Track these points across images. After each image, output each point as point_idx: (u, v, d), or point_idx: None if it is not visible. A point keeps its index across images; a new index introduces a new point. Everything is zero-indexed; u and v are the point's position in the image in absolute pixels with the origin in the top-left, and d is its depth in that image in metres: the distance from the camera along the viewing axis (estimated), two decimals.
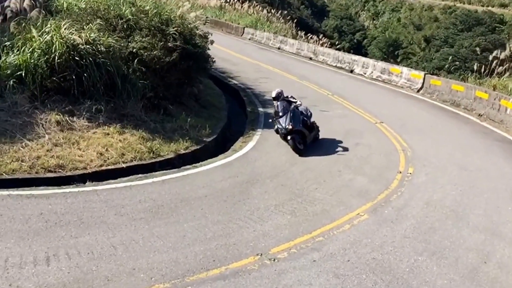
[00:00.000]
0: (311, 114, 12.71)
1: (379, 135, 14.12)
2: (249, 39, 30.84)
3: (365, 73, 23.41)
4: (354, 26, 70.74)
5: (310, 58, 26.81)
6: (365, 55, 43.35)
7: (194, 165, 10.66)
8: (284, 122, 11.82)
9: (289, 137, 11.81)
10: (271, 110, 15.81)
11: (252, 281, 6.46)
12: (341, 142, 13.05)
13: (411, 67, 29.69)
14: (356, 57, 25.14)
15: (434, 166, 11.72)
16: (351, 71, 24.06)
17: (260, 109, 15.92)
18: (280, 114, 11.99)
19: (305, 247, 7.53)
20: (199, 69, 13.87)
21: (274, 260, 7.05)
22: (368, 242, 7.81)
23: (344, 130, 14.30)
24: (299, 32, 35.11)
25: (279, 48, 28.92)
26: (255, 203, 8.95)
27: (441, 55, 47.73)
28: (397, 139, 13.75)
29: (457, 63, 37.71)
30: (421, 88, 20.65)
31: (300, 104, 12.32)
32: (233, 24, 33.01)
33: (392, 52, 60.15)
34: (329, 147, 12.66)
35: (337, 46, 39.07)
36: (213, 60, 14.59)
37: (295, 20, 35.90)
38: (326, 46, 31.16)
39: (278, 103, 12.19)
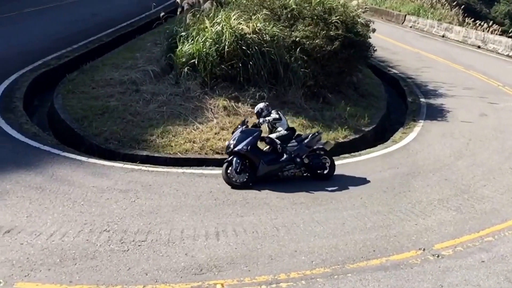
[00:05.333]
0: (300, 142, 8.94)
1: None
2: (410, 27, 29.44)
3: None
4: None
5: (478, 47, 24.69)
6: None
7: (352, 154, 10.57)
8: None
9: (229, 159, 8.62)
10: (433, 101, 15.04)
11: (414, 275, 6.21)
12: None
13: None
14: None
15: None
16: None
17: (422, 100, 15.13)
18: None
19: (472, 246, 7.03)
20: (360, 58, 13.66)
21: (438, 256, 6.69)
22: None
23: None
24: (466, 19, 32.49)
25: (443, 36, 27.13)
26: (417, 196, 8.57)
27: None
28: None
29: None
30: None
31: (272, 121, 8.90)
32: (393, 11, 31.79)
33: None
34: (500, 142, 11.56)
35: (510, 34, 35.31)
36: (375, 49, 14.23)
37: (462, 6, 33.23)
38: (496, 34, 28.38)
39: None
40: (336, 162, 9.90)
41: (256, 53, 11.66)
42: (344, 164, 9.90)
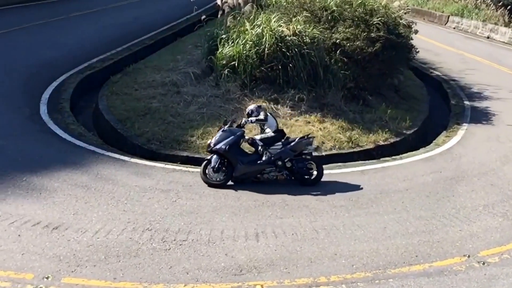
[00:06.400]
0: (285, 146, 8.64)
1: None
2: (454, 28, 28.72)
3: None
4: None
5: None
6: None
7: (393, 157, 10.41)
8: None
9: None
10: (478, 104, 14.64)
11: (458, 282, 6.06)
12: None
13: None
14: None
15: None
16: None
17: (466, 103, 14.74)
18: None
19: None
20: (401, 60, 13.46)
21: (483, 263, 6.50)
22: None
23: None
24: None
25: (488, 37, 26.35)
26: (461, 201, 8.36)
27: None
28: None
29: None
30: None
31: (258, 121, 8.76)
32: (436, 12, 31.10)
33: None
34: None
35: None
36: (417, 50, 13.97)
37: (508, 7, 32.19)
38: None
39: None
40: (376, 166, 9.88)
41: (296, 55, 11.66)
42: (384, 168, 9.77)
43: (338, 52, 12.20)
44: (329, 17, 12.89)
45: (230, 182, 8.45)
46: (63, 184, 7.84)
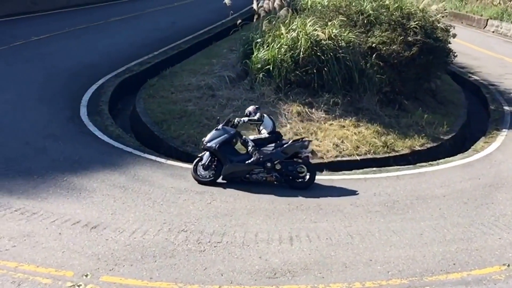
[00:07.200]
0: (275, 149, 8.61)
1: None
2: (493, 32, 28.00)
3: None
4: None
5: None
6: None
7: (430, 163, 10.22)
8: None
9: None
10: None
11: None
12: None
13: None
14: None
15: None
16: None
17: (506, 108, 14.33)
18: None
19: None
20: (439, 64, 13.21)
21: None
22: None
23: None
24: None
25: None
26: (501, 209, 8.13)
27: None
28: None
29: None
30: None
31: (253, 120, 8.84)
32: (474, 16, 30.41)
33: None
34: None
35: None
36: (455, 54, 13.71)
37: None
38: None
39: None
40: (413, 171, 9.73)
41: (331, 59, 11.62)
42: (421, 173, 9.62)
43: (374, 56, 12.08)
44: (365, 21, 12.80)
45: (223, 181, 8.54)
46: (102, 184, 8.05)
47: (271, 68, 11.87)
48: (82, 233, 6.59)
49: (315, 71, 11.62)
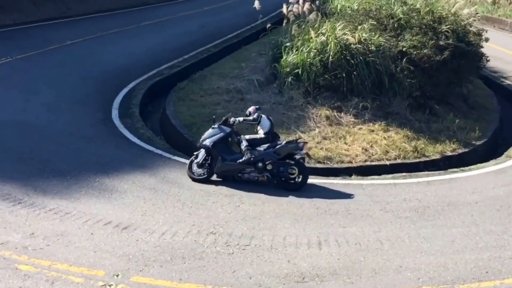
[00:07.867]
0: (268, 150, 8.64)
1: None
2: None
3: None
4: None
5: None
6: None
7: (461, 168, 10.03)
8: None
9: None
10: None
11: None
12: None
13: None
14: None
15: None
16: None
17: None
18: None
19: None
20: (471, 68, 12.95)
21: None
22: None
23: None
24: None
25: None
26: None
27: None
28: None
29: None
30: None
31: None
32: (507, 19, 29.70)
33: None
34: None
35: None
36: (488, 59, 13.43)
37: None
38: None
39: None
40: (444, 177, 9.57)
41: (361, 63, 11.55)
42: (452, 179, 9.46)
43: (404, 60, 11.95)
44: (396, 25, 12.66)
45: (218, 179, 8.63)
46: (132, 186, 8.19)
47: (300, 72, 11.88)
48: (113, 233, 6.71)
49: (344, 75, 11.56)
